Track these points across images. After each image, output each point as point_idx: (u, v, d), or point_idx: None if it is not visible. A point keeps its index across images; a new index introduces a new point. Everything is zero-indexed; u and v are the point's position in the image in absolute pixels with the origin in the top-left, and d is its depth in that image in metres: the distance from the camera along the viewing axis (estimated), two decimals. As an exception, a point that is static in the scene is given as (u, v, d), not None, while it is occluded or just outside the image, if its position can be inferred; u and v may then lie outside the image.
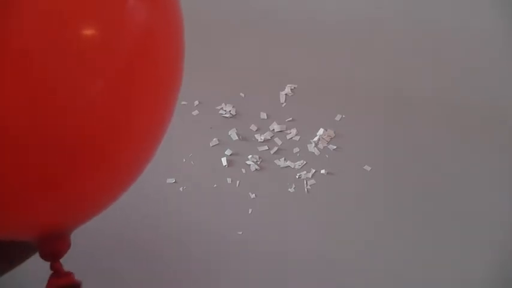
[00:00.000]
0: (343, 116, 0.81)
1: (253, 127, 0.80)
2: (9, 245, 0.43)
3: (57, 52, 0.34)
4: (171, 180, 0.76)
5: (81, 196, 0.40)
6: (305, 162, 0.77)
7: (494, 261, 0.70)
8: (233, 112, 0.81)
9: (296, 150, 0.78)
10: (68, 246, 0.42)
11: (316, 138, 0.79)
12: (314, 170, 0.76)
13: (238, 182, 0.76)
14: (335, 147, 0.78)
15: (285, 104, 0.82)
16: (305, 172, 0.76)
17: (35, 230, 0.41)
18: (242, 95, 0.83)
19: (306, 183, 0.75)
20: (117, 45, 0.36)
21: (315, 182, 0.75)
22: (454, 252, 0.71)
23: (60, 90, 0.34)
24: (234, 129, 0.79)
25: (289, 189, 0.75)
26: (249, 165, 0.77)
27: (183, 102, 0.80)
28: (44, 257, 0.42)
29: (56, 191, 0.38)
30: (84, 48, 0.35)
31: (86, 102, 0.36)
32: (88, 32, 0.35)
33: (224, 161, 0.77)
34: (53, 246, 0.41)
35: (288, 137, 0.79)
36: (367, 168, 0.77)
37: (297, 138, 0.79)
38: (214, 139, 0.79)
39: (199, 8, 0.86)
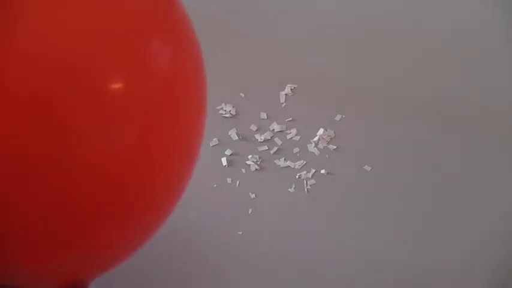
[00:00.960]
0: (343, 116, 0.81)
1: (253, 127, 0.80)
2: None
3: (70, 101, 0.33)
4: (171, 180, 0.76)
5: (103, 249, 0.39)
6: (305, 162, 0.77)
7: (494, 261, 0.70)
8: (233, 112, 0.81)
9: (296, 150, 0.78)
10: None
11: (316, 138, 0.79)
12: (314, 170, 0.76)
13: (238, 182, 0.76)
14: (335, 147, 0.78)
15: (285, 104, 0.82)
16: (305, 172, 0.76)
17: (56, 282, 0.40)
18: (242, 95, 0.83)
19: (306, 183, 0.75)
20: (135, 95, 0.36)
21: (315, 182, 0.75)
22: (454, 252, 0.70)
23: (78, 143, 0.34)
24: (234, 129, 0.79)
25: (289, 189, 0.75)
26: (249, 165, 0.77)
27: (183, 102, 0.80)
28: None
29: (76, 245, 0.37)
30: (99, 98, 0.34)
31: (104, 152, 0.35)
32: (99, 81, 0.34)
33: (224, 161, 0.77)
34: None
35: (288, 137, 0.79)
36: (367, 168, 0.77)
37: (297, 138, 0.79)
38: (214, 139, 0.79)
39: (199, 8, 0.86)
